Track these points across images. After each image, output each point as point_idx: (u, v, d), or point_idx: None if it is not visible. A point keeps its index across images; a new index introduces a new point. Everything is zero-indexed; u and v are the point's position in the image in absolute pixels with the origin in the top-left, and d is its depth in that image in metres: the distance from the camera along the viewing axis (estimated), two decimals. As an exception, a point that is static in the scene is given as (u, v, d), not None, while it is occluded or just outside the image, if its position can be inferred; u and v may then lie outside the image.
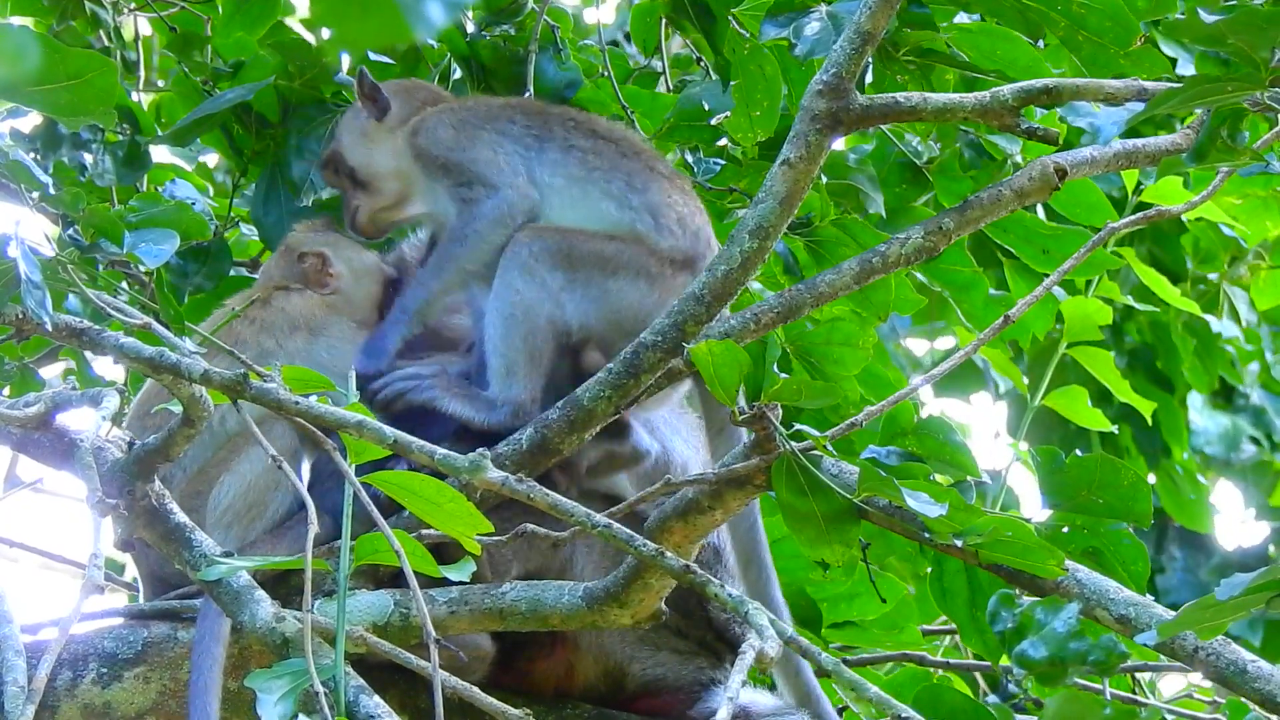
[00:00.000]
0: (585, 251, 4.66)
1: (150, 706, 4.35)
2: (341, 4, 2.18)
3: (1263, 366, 9.01)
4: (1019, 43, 4.81)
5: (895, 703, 3.53)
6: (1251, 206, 6.47)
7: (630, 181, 4.75)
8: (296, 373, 3.78)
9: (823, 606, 5.33)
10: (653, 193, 4.73)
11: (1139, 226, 4.91)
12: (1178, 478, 9.18)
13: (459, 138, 4.87)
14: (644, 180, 4.75)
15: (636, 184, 4.75)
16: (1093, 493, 4.35)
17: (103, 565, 3.64)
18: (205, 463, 4.59)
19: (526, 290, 4.61)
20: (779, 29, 4.81)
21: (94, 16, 5.65)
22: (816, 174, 4.43)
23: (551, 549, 4.55)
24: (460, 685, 3.51)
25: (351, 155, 5.03)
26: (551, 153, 4.80)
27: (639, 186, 4.74)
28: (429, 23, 2.25)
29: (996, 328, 4.30)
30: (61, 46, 3.72)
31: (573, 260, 4.64)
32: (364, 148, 5.01)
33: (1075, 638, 3.73)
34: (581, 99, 5.57)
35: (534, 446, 4.48)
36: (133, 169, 5.47)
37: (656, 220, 4.70)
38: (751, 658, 3.41)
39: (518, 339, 4.59)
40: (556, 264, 4.62)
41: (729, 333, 4.44)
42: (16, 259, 3.98)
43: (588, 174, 4.76)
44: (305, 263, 4.96)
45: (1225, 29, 3.28)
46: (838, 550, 3.93)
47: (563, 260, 4.64)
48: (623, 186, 4.74)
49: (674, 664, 4.66)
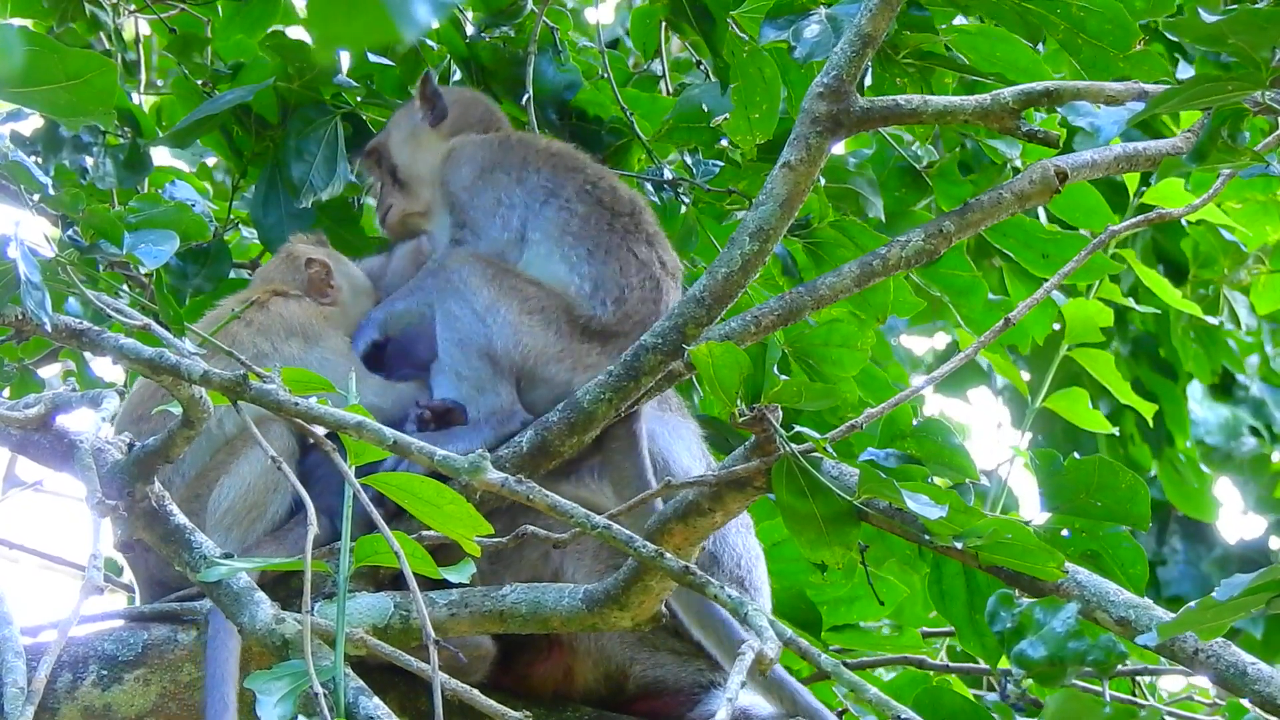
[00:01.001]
0: (507, 284, 4.71)
1: (150, 708, 4.35)
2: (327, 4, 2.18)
3: (1263, 359, 9.02)
4: (1018, 45, 4.81)
5: (895, 704, 3.52)
6: (1251, 210, 6.48)
7: (592, 251, 4.79)
8: (296, 374, 3.78)
9: (822, 609, 5.33)
10: (609, 266, 4.76)
11: (1140, 228, 4.91)
12: (1181, 466, 9.19)
13: (476, 181, 4.93)
14: (607, 254, 4.78)
15: (597, 255, 4.79)
16: (1091, 495, 4.34)
17: (102, 566, 3.63)
18: (203, 466, 4.59)
19: (463, 312, 4.66)
20: (778, 31, 4.81)
21: (94, 18, 5.65)
22: (816, 177, 4.44)
23: (541, 560, 4.55)
24: (460, 687, 3.50)
25: (398, 154, 5.09)
26: (549, 210, 4.86)
27: (598, 258, 4.78)
28: (416, 23, 2.24)
29: (996, 331, 4.29)
30: (62, 48, 3.71)
31: (497, 285, 4.68)
32: (411, 149, 5.06)
33: (1074, 637, 3.73)
34: (581, 100, 5.57)
35: (534, 448, 4.49)
36: (134, 171, 5.47)
37: (593, 290, 4.74)
38: (750, 659, 3.41)
39: (474, 357, 4.63)
40: (483, 284, 4.66)
41: (729, 335, 4.44)
42: (16, 260, 3.98)
43: (560, 236, 4.83)
44: (311, 269, 4.96)
45: (1226, 29, 3.28)
46: (838, 552, 3.93)
47: (489, 282, 4.68)
48: (582, 254, 4.79)
49: (673, 666, 4.65)
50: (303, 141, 5.41)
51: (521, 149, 4.99)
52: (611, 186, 4.93)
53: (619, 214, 4.86)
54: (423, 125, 5.08)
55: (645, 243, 4.84)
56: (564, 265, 4.77)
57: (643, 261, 4.80)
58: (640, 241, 4.83)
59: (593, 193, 4.88)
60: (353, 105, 5.50)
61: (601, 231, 4.81)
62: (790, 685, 4.42)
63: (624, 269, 4.77)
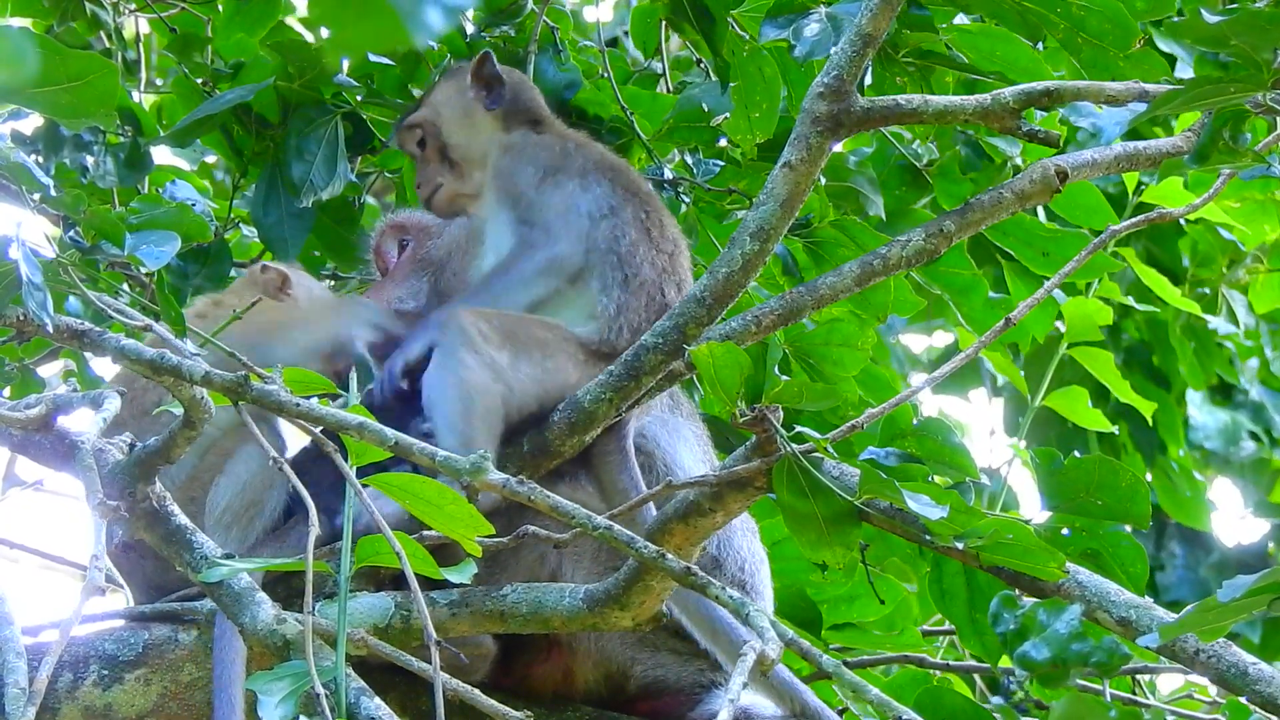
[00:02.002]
0: (526, 334, 4.59)
1: (151, 709, 4.35)
2: (339, 7, 2.18)
3: (1262, 363, 9.01)
4: (1019, 44, 4.81)
5: (896, 704, 3.53)
6: (1249, 209, 6.48)
7: (629, 279, 4.70)
8: (297, 375, 3.78)
9: (823, 609, 5.33)
10: (638, 299, 4.70)
11: (1139, 228, 4.91)
12: (1174, 475, 9.19)
13: (543, 182, 4.83)
14: (640, 287, 4.70)
15: (631, 285, 4.69)
16: (1091, 494, 4.35)
17: (104, 567, 3.63)
18: (194, 468, 4.59)
19: (478, 367, 4.50)
20: (778, 31, 4.81)
21: (94, 17, 5.65)
22: (817, 176, 4.44)
23: (538, 562, 4.55)
24: (461, 687, 3.51)
25: (451, 133, 4.97)
26: (605, 226, 4.75)
27: (631, 288, 4.69)
28: (428, 28, 2.25)
29: (997, 330, 4.29)
30: (62, 48, 3.71)
31: (512, 343, 4.57)
32: (467, 131, 4.95)
33: (1077, 639, 3.73)
34: (581, 100, 5.56)
35: (534, 449, 4.49)
36: (134, 170, 5.47)
37: (615, 315, 4.67)
38: (752, 660, 3.41)
39: (475, 419, 4.48)
40: (503, 343, 4.55)
41: (730, 335, 4.44)
42: (18, 261, 3.98)
43: (606, 254, 4.73)
44: (266, 274, 4.93)
45: (1227, 30, 3.28)
46: (838, 552, 3.93)
47: (508, 339, 4.56)
48: (619, 279, 4.69)
49: (674, 666, 4.65)
50: (303, 141, 5.41)
51: (580, 156, 4.90)
52: (660, 220, 4.86)
53: (661, 251, 4.80)
54: (477, 106, 4.99)
55: (676, 287, 4.80)
56: (599, 283, 4.72)
57: (667, 304, 4.73)
58: (672, 284, 4.79)
59: (644, 222, 4.80)
60: (353, 105, 5.50)
61: (643, 265, 4.74)
62: (793, 685, 4.41)
63: (649, 306, 4.71)
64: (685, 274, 4.86)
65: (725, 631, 4.39)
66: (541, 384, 4.54)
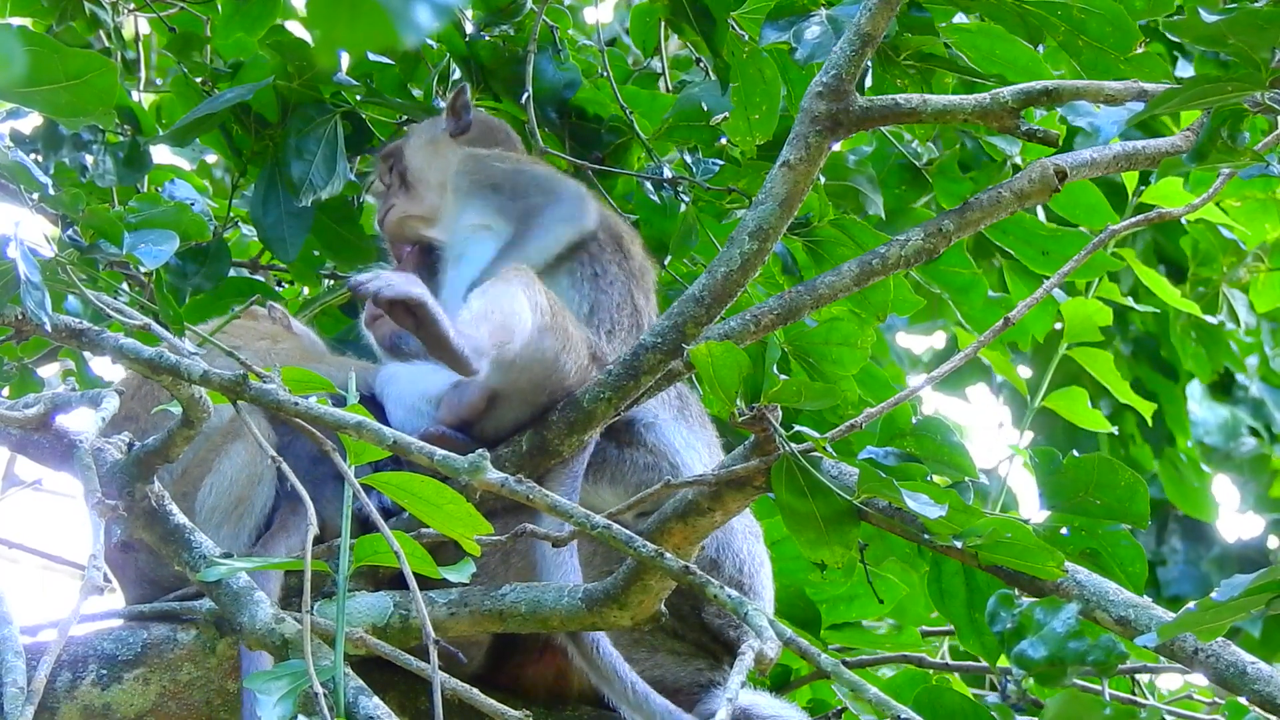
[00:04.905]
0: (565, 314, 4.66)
1: (150, 708, 4.35)
2: (330, 6, 2.19)
3: (1262, 359, 9.02)
4: (1018, 44, 4.81)
5: (895, 704, 3.52)
6: (1250, 209, 6.47)
7: (599, 276, 4.81)
8: (296, 374, 3.78)
9: (822, 608, 5.33)
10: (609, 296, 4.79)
11: (1139, 228, 4.91)
12: (1181, 465, 9.19)
13: (518, 166, 4.96)
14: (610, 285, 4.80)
15: (602, 282, 4.80)
16: (1090, 494, 4.35)
17: (102, 566, 3.63)
18: (186, 465, 4.59)
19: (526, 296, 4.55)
20: (779, 33, 4.81)
21: (93, 16, 5.65)
22: (816, 176, 4.43)
23: (530, 567, 4.55)
24: (460, 687, 3.51)
25: (412, 157, 5.12)
26: None
27: (602, 286, 4.79)
28: (417, 28, 2.25)
29: (997, 330, 4.29)
30: (61, 47, 3.71)
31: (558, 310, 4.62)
32: (426, 154, 5.10)
33: (1074, 638, 3.73)
34: (581, 99, 5.57)
35: (533, 448, 4.49)
36: (134, 170, 5.47)
37: (590, 314, 4.74)
38: (750, 659, 3.41)
39: (499, 315, 4.47)
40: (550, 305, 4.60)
41: (729, 334, 4.44)
42: (16, 260, 3.98)
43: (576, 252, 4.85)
44: (274, 311, 5.01)
45: (1226, 29, 3.28)
46: (837, 552, 3.93)
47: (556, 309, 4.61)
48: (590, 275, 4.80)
49: (672, 666, 4.65)
50: (302, 140, 5.41)
51: (543, 166, 5.06)
52: (629, 230, 5.00)
53: (629, 256, 4.89)
54: (443, 134, 5.11)
55: (644, 294, 4.86)
56: (568, 278, 4.78)
57: (636, 308, 4.80)
58: (641, 292, 4.85)
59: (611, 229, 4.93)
60: (353, 104, 5.50)
61: (611, 265, 4.82)
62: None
63: (620, 305, 4.77)
64: (650, 294, 4.94)
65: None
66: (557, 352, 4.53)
